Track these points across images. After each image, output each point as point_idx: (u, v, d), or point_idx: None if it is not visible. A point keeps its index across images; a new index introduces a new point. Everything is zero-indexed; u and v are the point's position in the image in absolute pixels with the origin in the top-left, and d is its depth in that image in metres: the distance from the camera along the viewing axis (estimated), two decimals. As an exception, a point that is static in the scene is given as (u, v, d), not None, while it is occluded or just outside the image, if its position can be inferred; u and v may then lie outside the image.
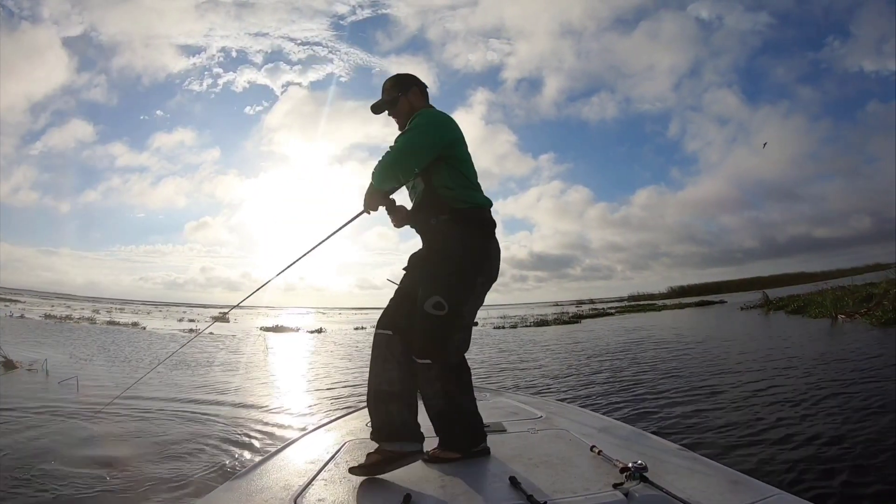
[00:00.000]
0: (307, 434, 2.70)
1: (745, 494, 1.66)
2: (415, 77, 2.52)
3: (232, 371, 11.43)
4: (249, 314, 61.49)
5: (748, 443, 4.56)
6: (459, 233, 2.20)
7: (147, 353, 14.90)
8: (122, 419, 5.93)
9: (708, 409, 5.89)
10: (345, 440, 2.45)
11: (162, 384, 8.89)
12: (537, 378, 9.22)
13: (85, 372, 9.88)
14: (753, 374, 8.06)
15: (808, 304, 19.79)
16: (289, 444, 2.49)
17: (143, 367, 11.40)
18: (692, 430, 5.10)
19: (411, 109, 2.41)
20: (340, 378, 10.10)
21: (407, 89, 2.46)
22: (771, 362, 9.15)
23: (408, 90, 2.45)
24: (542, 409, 3.05)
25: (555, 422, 2.70)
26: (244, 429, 5.64)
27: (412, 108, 2.41)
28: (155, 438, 5.11)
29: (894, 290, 14.95)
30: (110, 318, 34.68)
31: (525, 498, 1.63)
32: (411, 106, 2.43)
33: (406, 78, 2.50)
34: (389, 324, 2.19)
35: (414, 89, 2.46)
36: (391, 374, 2.14)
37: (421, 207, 2.31)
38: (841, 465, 3.80)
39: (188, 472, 4.09)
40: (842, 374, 7.45)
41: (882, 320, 13.04)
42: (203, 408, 6.84)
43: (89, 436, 5.19)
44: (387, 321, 2.20)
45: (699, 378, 8.16)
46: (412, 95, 2.45)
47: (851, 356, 8.96)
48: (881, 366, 7.71)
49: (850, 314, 15.16)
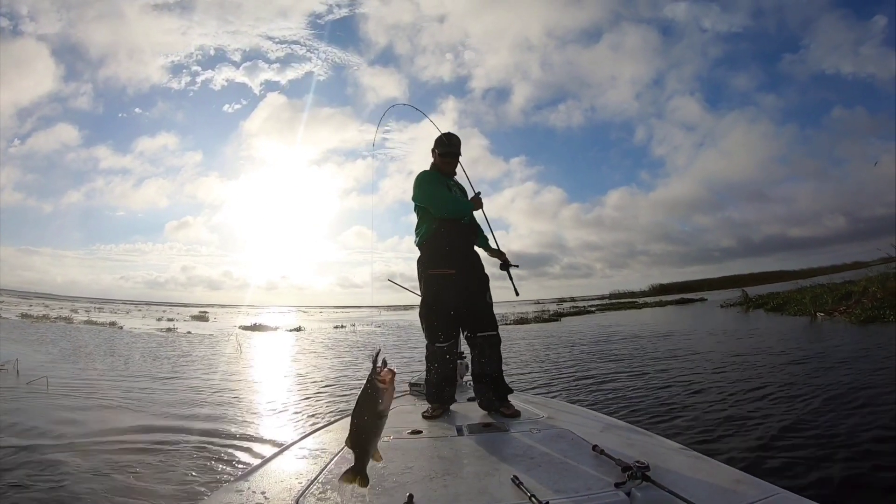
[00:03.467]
0: (308, 435, 2.69)
1: (747, 493, 1.65)
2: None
3: (200, 369, 11.33)
4: (230, 313, 61.01)
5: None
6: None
7: (123, 353, 14.67)
8: (114, 423, 5.82)
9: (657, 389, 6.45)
10: (346, 442, 2.39)
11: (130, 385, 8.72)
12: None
13: (55, 372, 9.76)
14: (733, 374, 8.21)
15: (788, 302, 20.06)
16: (290, 445, 2.48)
17: (116, 367, 11.24)
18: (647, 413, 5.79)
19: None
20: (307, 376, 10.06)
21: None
22: (741, 357, 9.55)
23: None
24: (544, 408, 3.07)
25: (556, 421, 2.70)
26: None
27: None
28: (145, 444, 5.02)
29: (873, 288, 15.19)
30: (88, 317, 34.12)
31: (527, 497, 1.61)
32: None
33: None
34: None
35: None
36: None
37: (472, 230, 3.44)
38: (810, 456, 3.96)
39: (179, 477, 4.05)
40: (806, 370, 7.72)
41: (861, 318, 13.24)
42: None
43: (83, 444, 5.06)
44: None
45: (651, 363, 9.16)
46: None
47: (816, 353, 9.27)
48: (853, 361, 7.88)
49: (829, 312, 15.38)
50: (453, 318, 3.15)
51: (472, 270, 3.26)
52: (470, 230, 3.38)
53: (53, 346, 15.45)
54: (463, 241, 3.29)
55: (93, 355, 13.66)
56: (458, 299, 3.12)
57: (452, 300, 3.11)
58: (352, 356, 14.16)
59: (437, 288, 3.16)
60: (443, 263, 3.18)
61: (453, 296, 3.12)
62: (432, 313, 3.18)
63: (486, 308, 3.21)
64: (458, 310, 3.14)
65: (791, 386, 6.58)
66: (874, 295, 14.43)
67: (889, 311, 12.78)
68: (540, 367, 10.14)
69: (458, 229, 3.25)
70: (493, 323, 3.20)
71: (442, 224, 3.22)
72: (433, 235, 3.23)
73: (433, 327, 3.18)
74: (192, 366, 11.95)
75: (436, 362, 3.18)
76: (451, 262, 3.17)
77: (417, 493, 1.70)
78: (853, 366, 7.59)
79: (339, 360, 13.41)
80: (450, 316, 3.14)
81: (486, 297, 3.23)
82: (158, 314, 47.20)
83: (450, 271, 3.16)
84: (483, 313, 3.18)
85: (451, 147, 3.35)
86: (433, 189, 3.26)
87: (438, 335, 3.16)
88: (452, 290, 3.12)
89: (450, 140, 3.36)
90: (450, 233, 3.22)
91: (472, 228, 3.42)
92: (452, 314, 3.14)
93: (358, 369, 11.02)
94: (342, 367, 11.59)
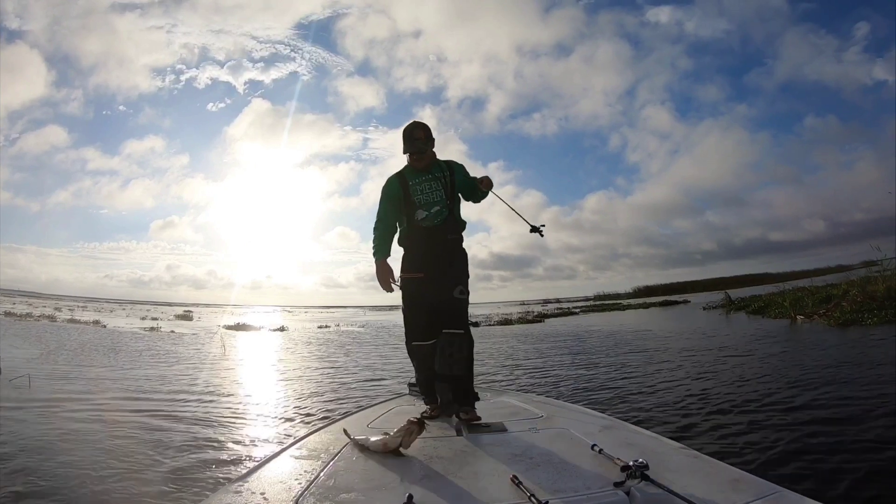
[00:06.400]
0: (308, 436, 2.67)
1: (746, 492, 1.66)
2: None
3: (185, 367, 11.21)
4: (215, 312, 60.28)
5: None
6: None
7: (108, 352, 14.46)
8: (111, 419, 5.76)
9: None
10: (345, 441, 2.40)
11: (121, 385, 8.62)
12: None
13: (38, 370, 9.69)
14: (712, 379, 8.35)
15: (769, 305, 20.21)
16: (289, 445, 2.46)
17: (101, 366, 11.09)
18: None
19: (433, 158, 3.28)
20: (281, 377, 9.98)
21: (433, 141, 3.29)
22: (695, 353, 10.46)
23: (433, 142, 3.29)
24: (543, 408, 3.06)
25: (556, 421, 2.70)
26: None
27: (433, 157, 3.29)
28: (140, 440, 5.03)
29: (853, 291, 15.38)
30: (72, 315, 33.54)
31: (527, 497, 1.61)
32: (434, 155, 3.30)
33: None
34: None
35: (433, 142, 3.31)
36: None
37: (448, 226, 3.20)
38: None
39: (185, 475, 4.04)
40: (765, 370, 8.18)
41: (840, 321, 13.39)
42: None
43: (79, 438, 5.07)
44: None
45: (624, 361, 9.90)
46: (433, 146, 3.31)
47: (781, 353, 9.89)
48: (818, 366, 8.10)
49: (809, 315, 15.54)
50: (430, 318, 3.09)
51: (446, 269, 3.13)
52: (446, 230, 3.18)
53: (37, 345, 15.19)
54: (435, 243, 3.15)
55: (76, 354, 13.43)
56: (434, 299, 3.06)
57: (427, 301, 3.08)
58: (336, 356, 14.17)
59: (411, 290, 3.14)
60: (412, 268, 3.15)
61: (427, 297, 3.08)
62: (409, 314, 3.17)
63: (455, 304, 3.08)
64: (433, 309, 3.07)
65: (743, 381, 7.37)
66: (854, 298, 14.61)
67: (867, 315, 12.97)
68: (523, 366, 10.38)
69: (429, 233, 3.15)
70: (460, 321, 3.07)
71: (412, 229, 3.17)
72: (405, 238, 3.21)
73: (411, 328, 3.18)
74: (178, 366, 11.82)
75: (416, 361, 3.19)
76: (421, 266, 3.12)
77: (417, 493, 1.70)
78: (785, 358, 8.77)
79: (323, 360, 13.41)
80: (426, 316, 3.09)
81: (455, 293, 3.08)
82: (142, 313, 46.43)
83: (418, 275, 3.12)
84: (451, 310, 3.07)
85: (412, 144, 3.19)
86: (379, 213, 3.25)
87: (416, 335, 3.15)
88: (424, 291, 3.09)
89: (411, 135, 3.20)
90: (421, 237, 3.16)
91: (449, 227, 3.20)
92: (428, 314, 3.09)
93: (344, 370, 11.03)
94: (328, 367, 11.60)
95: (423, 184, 3.17)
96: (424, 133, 3.22)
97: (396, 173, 3.26)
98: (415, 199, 3.15)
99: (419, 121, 3.29)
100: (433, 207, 3.15)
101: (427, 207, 3.14)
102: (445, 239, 3.17)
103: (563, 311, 41.75)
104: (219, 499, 1.84)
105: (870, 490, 3.36)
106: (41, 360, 11.54)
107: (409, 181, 3.18)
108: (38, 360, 11.45)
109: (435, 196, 3.16)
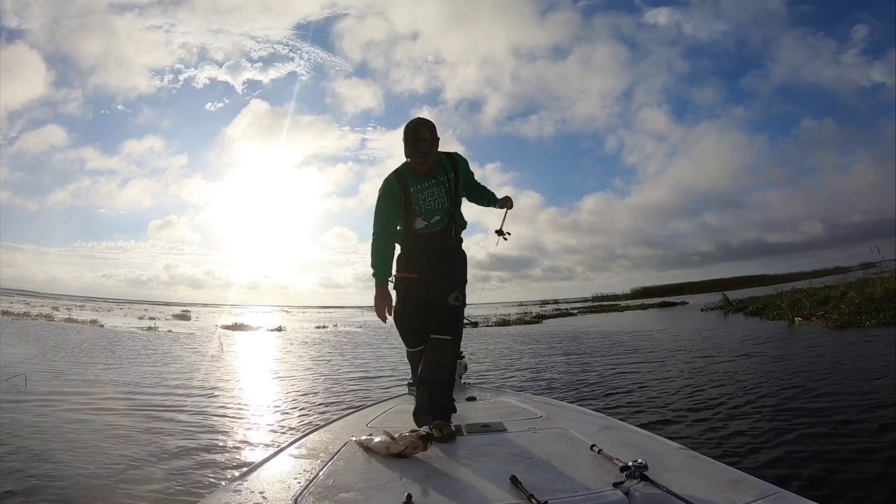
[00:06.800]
0: (307, 435, 2.66)
1: (745, 493, 1.66)
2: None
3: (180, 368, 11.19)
4: (212, 312, 60.20)
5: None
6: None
7: (105, 352, 14.43)
8: (109, 419, 5.75)
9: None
10: (345, 441, 2.40)
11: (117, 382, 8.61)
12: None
13: (34, 369, 9.67)
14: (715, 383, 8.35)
15: (767, 306, 20.18)
16: (289, 444, 2.45)
17: (98, 365, 11.07)
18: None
19: (437, 157, 2.96)
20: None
21: (438, 140, 2.93)
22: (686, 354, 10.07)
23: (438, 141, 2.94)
24: (543, 408, 3.05)
25: (555, 421, 2.70)
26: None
27: (437, 157, 2.97)
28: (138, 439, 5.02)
29: (851, 293, 15.37)
30: (69, 315, 33.44)
31: (526, 497, 1.61)
32: (437, 155, 2.98)
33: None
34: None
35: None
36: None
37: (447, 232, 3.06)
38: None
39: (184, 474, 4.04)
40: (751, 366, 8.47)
41: (837, 323, 13.38)
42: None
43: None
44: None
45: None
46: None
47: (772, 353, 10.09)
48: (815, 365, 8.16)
49: (807, 316, 15.53)
50: (422, 321, 2.98)
51: (443, 273, 3.00)
52: (445, 236, 3.05)
53: (34, 344, 15.16)
54: (433, 248, 3.04)
55: (74, 354, 13.40)
56: (427, 301, 2.96)
57: (420, 301, 2.98)
58: (333, 356, 14.17)
59: (405, 291, 3.01)
60: (406, 268, 3.05)
61: (421, 297, 2.97)
62: (402, 316, 3.03)
63: (448, 310, 2.94)
64: (426, 311, 2.97)
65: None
66: (852, 300, 14.62)
67: (865, 317, 12.97)
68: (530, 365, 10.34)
69: (426, 239, 3.04)
70: (450, 328, 2.91)
71: (409, 235, 3.05)
72: (401, 240, 3.10)
73: (403, 333, 3.10)
74: (175, 365, 11.79)
75: (412, 367, 3.15)
76: (416, 268, 3.01)
77: (416, 493, 1.70)
78: (781, 360, 8.94)
79: (320, 360, 13.43)
80: (418, 318, 2.99)
81: (450, 299, 2.93)
82: (140, 312, 46.37)
83: (412, 275, 3.01)
84: (443, 316, 2.93)
85: (417, 147, 2.85)
86: (381, 220, 2.99)
87: (408, 341, 3.10)
88: (419, 291, 2.98)
89: (416, 136, 2.84)
90: (418, 242, 3.05)
91: (448, 233, 3.06)
92: (420, 316, 2.99)
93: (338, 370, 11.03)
94: (325, 367, 11.62)
95: (426, 191, 2.95)
96: (430, 133, 2.86)
97: (395, 172, 2.98)
98: (415, 208, 2.95)
99: (423, 118, 2.92)
100: (433, 217, 2.99)
101: (427, 217, 2.98)
102: (444, 244, 3.06)
103: (561, 312, 41.81)
104: (218, 498, 1.83)
105: (869, 490, 3.36)
106: (38, 360, 11.51)
107: (410, 187, 2.93)
108: (34, 360, 11.41)
109: (436, 204, 2.97)
